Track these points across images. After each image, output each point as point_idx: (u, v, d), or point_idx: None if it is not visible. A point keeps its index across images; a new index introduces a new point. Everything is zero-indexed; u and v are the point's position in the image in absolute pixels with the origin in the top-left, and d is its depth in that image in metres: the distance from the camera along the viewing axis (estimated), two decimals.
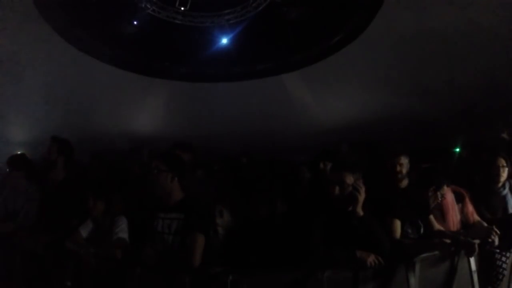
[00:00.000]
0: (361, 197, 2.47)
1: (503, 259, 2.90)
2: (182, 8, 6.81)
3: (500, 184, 3.64)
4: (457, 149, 6.32)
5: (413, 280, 2.37)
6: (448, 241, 2.57)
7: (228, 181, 3.65)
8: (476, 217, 3.02)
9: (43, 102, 7.07)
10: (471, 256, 2.60)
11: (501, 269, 2.90)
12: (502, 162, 3.61)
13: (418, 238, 2.78)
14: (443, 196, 2.86)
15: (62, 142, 3.57)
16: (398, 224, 2.68)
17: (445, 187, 2.87)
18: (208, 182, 3.74)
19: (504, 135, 5.02)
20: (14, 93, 6.73)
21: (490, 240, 2.65)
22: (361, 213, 2.46)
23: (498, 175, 3.60)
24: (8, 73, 6.40)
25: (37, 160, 4.12)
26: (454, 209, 2.97)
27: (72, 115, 7.50)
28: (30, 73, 6.63)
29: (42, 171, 3.60)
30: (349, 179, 2.48)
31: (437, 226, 2.86)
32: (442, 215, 2.96)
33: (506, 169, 3.63)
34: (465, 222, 3.03)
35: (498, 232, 2.68)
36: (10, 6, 5.55)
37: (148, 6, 6.67)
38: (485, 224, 2.92)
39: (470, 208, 3.04)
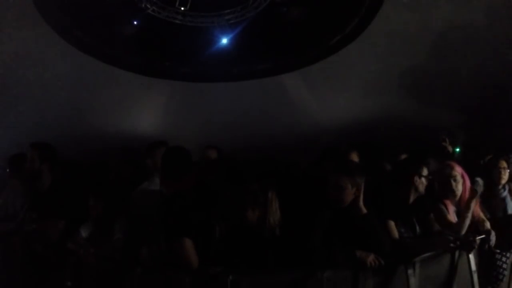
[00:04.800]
0: (360, 197, 2.50)
1: (503, 259, 2.91)
2: (182, 8, 6.81)
3: (501, 186, 3.68)
4: (457, 149, 6.32)
5: (413, 280, 2.37)
6: (451, 237, 2.58)
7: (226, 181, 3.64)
8: (482, 216, 3.04)
9: (42, 102, 7.06)
10: (469, 253, 2.61)
11: (501, 269, 2.91)
12: (504, 164, 3.67)
13: (416, 237, 2.79)
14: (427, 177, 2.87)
15: (43, 148, 3.29)
16: (392, 224, 2.69)
17: (425, 169, 2.90)
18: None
19: (445, 144, 4.54)
20: (13, 93, 6.73)
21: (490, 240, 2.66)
22: (364, 210, 2.48)
23: (499, 177, 3.65)
24: (8, 74, 6.39)
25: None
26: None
27: (71, 115, 7.49)
28: (30, 73, 6.63)
29: (27, 183, 3.38)
30: (344, 182, 2.50)
31: (437, 225, 2.87)
32: (459, 211, 2.97)
33: (507, 171, 3.67)
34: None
35: (494, 234, 2.72)
36: (9, 7, 5.55)
37: (148, 6, 6.67)
38: (488, 223, 2.93)
39: (477, 209, 3.07)
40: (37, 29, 6.07)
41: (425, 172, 2.88)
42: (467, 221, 2.75)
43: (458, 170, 2.98)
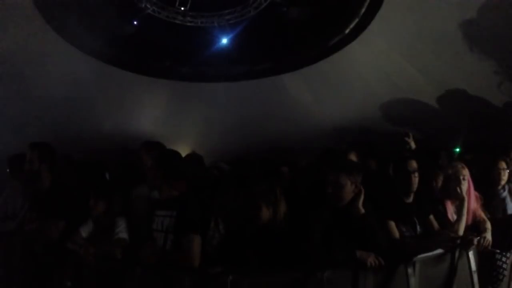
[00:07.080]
0: (360, 197, 2.51)
1: (503, 259, 2.92)
2: (182, 8, 6.82)
3: (500, 186, 3.69)
4: (457, 149, 6.33)
5: (413, 280, 2.38)
6: (452, 235, 2.60)
7: (228, 182, 3.64)
8: (483, 216, 3.05)
9: (42, 102, 7.06)
10: (467, 250, 2.62)
11: (501, 269, 2.92)
12: (503, 164, 3.68)
13: (417, 237, 2.79)
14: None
15: (42, 148, 3.27)
16: (392, 224, 2.71)
17: (414, 162, 2.91)
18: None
19: (408, 139, 4.20)
20: (13, 93, 6.73)
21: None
22: (362, 210, 2.49)
23: (499, 178, 3.66)
24: (8, 73, 6.39)
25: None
26: (471, 208, 3.01)
27: (71, 115, 7.49)
28: (30, 73, 6.63)
29: (27, 183, 3.37)
30: (343, 180, 2.51)
31: (437, 225, 2.88)
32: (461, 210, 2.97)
33: (507, 172, 3.68)
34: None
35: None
36: (9, 6, 5.55)
37: (148, 6, 6.68)
38: (488, 223, 2.94)
39: (479, 209, 3.09)
40: (36, 29, 6.06)
41: (412, 166, 2.89)
42: (463, 222, 2.79)
43: (467, 171, 3.00)
